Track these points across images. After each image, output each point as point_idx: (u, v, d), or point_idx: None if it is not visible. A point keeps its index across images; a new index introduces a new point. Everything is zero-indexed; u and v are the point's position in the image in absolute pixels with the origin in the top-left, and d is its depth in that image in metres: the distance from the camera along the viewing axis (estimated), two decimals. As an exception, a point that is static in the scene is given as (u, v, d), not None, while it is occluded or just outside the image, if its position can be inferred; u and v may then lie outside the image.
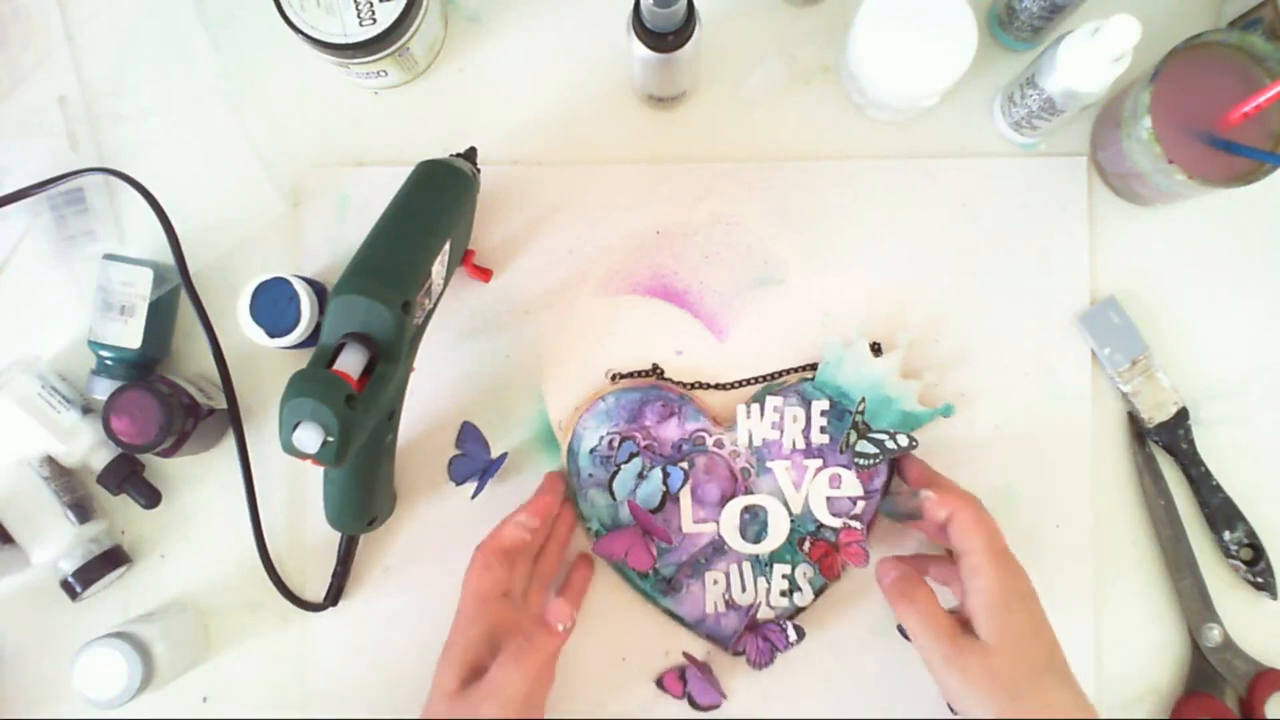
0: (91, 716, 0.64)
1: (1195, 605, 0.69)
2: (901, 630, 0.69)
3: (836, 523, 0.68)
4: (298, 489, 0.71)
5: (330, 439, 0.54)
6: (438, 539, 0.71)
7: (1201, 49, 0.63)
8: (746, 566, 0.68)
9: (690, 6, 0.61)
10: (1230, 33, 0.64)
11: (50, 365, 0.71)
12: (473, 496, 0.70)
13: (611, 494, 0.68)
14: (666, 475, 0.67)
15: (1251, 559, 0.69)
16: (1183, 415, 0.70)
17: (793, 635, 0.67)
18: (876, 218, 0.72)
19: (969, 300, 0.71)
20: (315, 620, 0.70)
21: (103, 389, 0.68)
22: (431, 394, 0.71)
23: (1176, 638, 0.70)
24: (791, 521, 0.68)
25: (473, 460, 0.70)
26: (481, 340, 0.71)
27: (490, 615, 0.62)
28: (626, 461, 0.68)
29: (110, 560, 0.69)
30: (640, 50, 0.63)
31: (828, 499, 0.68)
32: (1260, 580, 0.69)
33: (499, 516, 0.66)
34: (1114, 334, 0.70)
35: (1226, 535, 0.69)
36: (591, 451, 0.68)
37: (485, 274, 0.71)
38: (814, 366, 0.69)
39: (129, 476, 0.69)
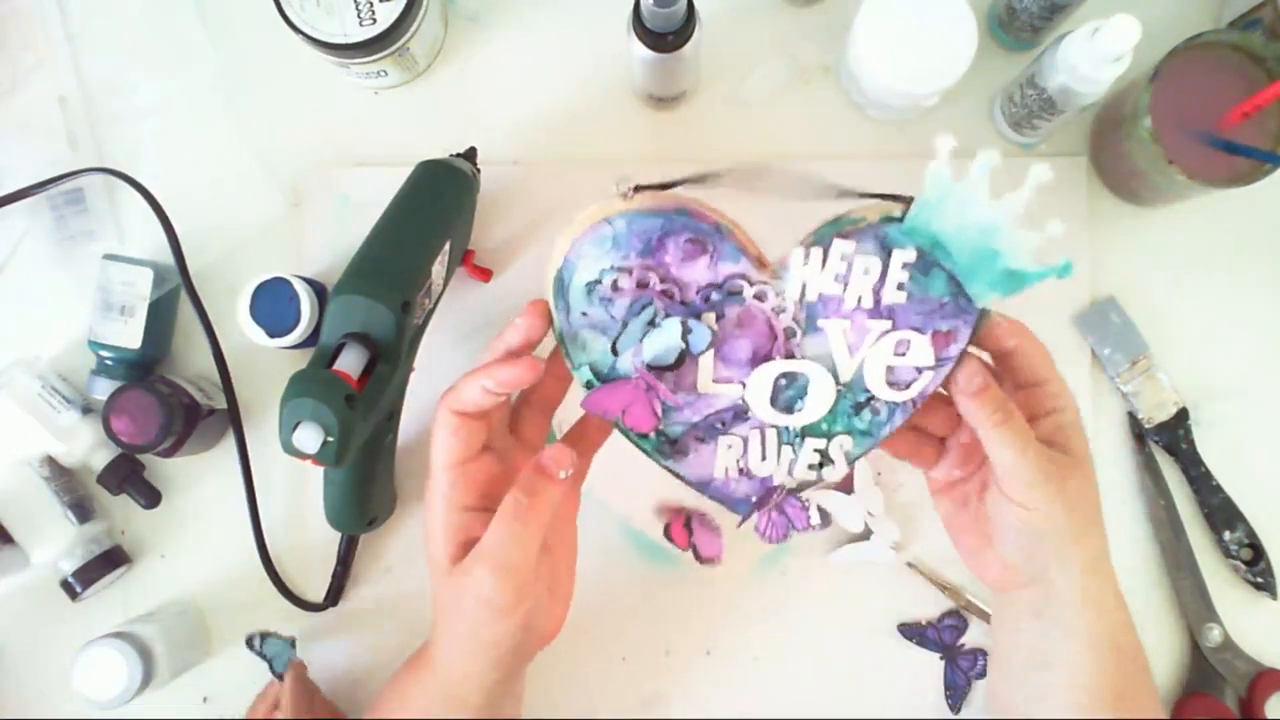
0: (91, 716, 0.64)
1: (1195, 605, 0.69)
2: (902, 631, 0.69)
3: (895, 395, 0.53)
4: (298, 489, 0.71)
5: (330, 439, 0.54)
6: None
7: (1201, 49, 0.63)
8: (771, 433, 0.54)
9: (690, 6, 0.61)
10: (1230, 33, 0.64)
11: (50, 365, 0.71)
12: None
13: (613, 349, 0.52)
14: (688, 330, 0.52)
15: (1251, 559, 0.69)
16: (1183, 415, 0.70)
17: (816, 518, 0.55)
18: (876, 218, 0.72)
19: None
20: (315, 620, 0.70)
21: (103, 389, 0.68)
22: (432, 394, 0.70)
23: (1176, 638, 0.70)
24: (839, 392, 0.53)
25: None
26: (482, 340, 0.71)
27: (471, 479, 0.52)
28: (637, 315, 0.52)
29: (110, 560, 0.69)
30: (640, 50, 0.63)
31: (888, 368, 0.53)
32: (1260, 580, 0.69)
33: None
34: (1114, 334, 0.70)
35: (1226, 535, 0.69)
36: (589, 287, 0.51)
37: (485, 274, 0.71)
38: (904, 199, 0.52)
39: (129, 476, 0.69)
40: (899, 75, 0.65)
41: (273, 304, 0.66)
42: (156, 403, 0.64)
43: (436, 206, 0.63)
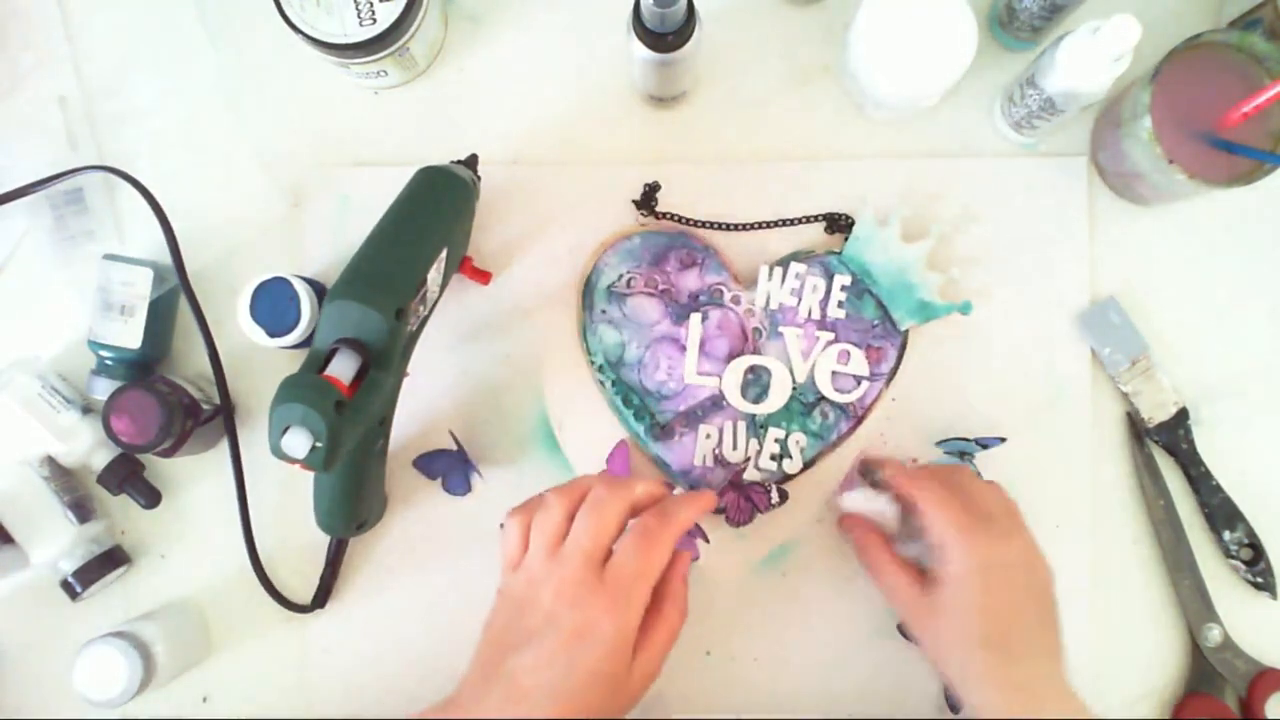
0: (91, 716, 0.65)
1: (1195, 605, 0.69)
2: (902, 631, 0.69)
3: (838, 397, 0.69)
4: (296, 489, 0.70)
5: (319, 444, 0.53)
6: (437, 539, 0.71)
7: (1201, 49, 0.63)
8: (741, 425, 0.69)
9: (690, 6, 0.61)
10: (1230, 33, 0.64)
11: (50, 365, 0.71)
12: (458, 492, 0.70)
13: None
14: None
15: (1251, 559, 0.69)
16: (1183, 415, 0.70)
17: (775, 498, 0.68)
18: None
19: (969, 299, 0.71)
20: (315, 620, 0.70)
21: (103, 389, 0.68)
22: (431, 395, 0.71)
23: (1176, 638, 0.70)
24: (793, 389, 0.69)
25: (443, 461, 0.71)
26: (481, 341, 0.71)
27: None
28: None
29: (110, 560, 0.69)
30: (640, 50, 0.63)
31: (833, 373, 0.69)
32: (1260, 580, 0.69)
33: (497, 516, 0.65)
34: (1114, 334, 0.70)
35: (1226, 535, 0.69)
36: (609, 288, 0.69)
37: (484, 276, 0.71)
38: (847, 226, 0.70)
39: (129, 476, 0.69)
40: (899, 75, 0.65)
41: (273, 304, 0.66)
42: (156, 403, 0.64)
43: (435, 214, 0.62)
